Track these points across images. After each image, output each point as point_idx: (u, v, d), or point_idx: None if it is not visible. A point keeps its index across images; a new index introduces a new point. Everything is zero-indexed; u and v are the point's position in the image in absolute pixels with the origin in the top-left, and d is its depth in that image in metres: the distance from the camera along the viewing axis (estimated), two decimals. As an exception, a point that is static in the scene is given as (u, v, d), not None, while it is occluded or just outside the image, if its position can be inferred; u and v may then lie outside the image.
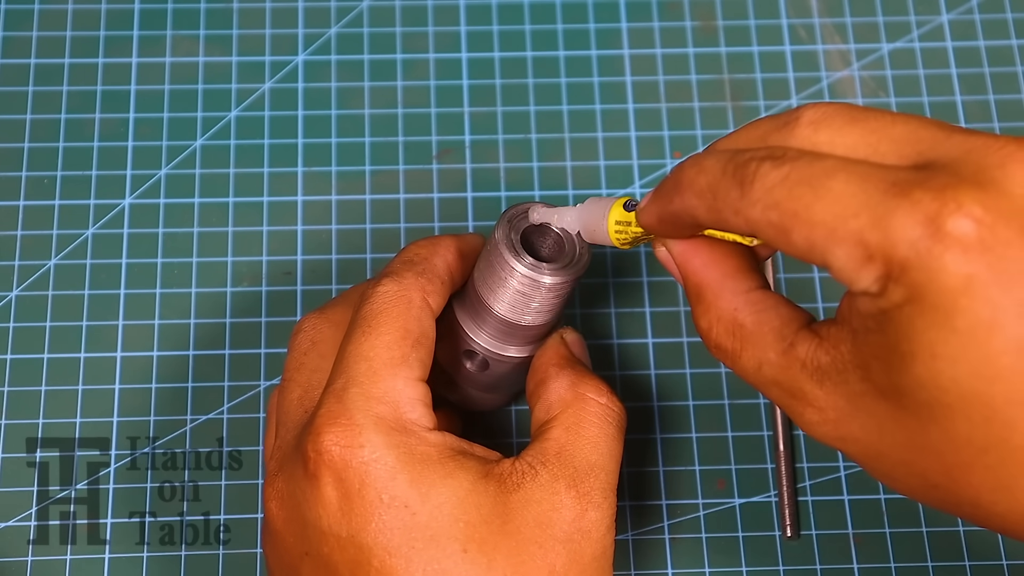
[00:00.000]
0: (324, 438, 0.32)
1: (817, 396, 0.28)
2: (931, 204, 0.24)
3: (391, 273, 0.35)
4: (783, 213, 0.26)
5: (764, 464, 0.43)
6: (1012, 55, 0.49)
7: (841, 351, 0.27)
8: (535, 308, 0.36)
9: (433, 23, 0.50)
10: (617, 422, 0.35)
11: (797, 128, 0.29)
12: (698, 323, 0.31)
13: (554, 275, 0.35)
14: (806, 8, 0.50)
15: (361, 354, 0.33)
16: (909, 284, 0.24)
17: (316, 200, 0.46)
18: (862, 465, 0.29)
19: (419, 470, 0.32)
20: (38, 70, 0.48)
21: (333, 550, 0.31)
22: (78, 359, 0.44)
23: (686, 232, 0.31)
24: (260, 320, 0.44)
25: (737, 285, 0.31)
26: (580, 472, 0.33)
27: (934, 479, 0.27)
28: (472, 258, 0.37)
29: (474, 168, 0.47)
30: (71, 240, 0.45)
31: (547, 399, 0.35)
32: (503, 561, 0.31)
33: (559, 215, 0.35)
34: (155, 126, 0.47)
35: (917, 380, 0.25)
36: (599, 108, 0.48)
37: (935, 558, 0.42)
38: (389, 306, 0.34)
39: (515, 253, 0.35)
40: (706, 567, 0.42)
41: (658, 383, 0.44)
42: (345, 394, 0.32)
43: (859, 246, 0.25)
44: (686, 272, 0.32)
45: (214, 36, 0.49)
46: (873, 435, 0.27)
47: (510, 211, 0.36)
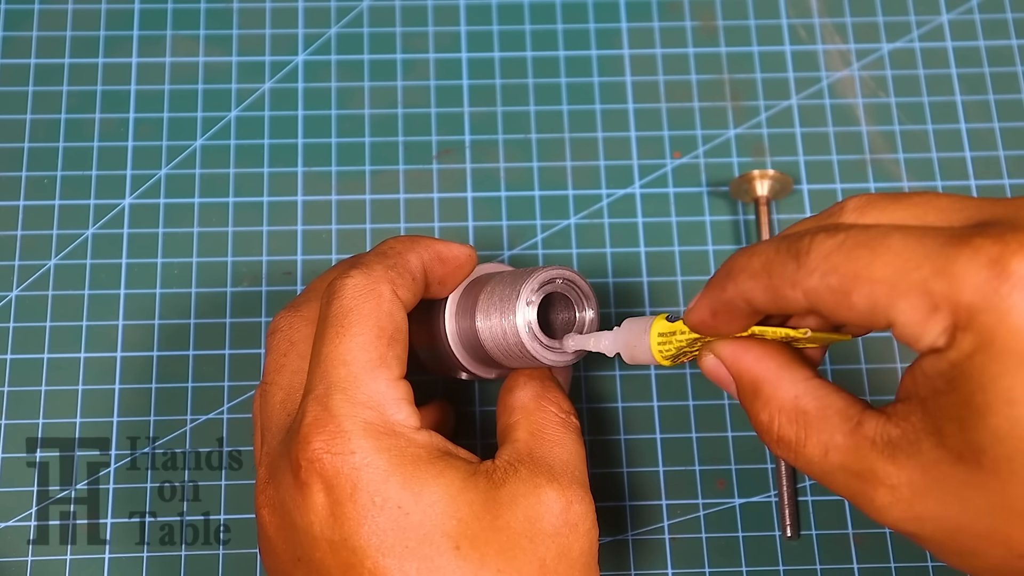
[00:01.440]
0: (313, 446, 0.32)
1: (889, 473, 0.27)
2: (993, 247, 0.24)
3: (361, 264, 0.35)
4: (843, 276, 0.26)
5: (764, 464, 0.43)
6: (1012, 55, 0.49)
7: (911, 421, 0.26)
8: (521, 363, 0.37)
9: (433, 23, 0.50)
10: (577, 431, 0.36)
11: (843, 214, 0.29)
12: (758, 419, 0.30)
13: (559, 356, 0.36)
14: (806, 8, 0.50)
15: (339, 358, 0.33)
16: (979, 330, 0.24)
17: (316, 200, 0.46)
18: (940, 549, 0.27)
19: (411, 471, 0.32)
20: (38, 70, 0.48)
21: (325, 554, 0.32)
22: (78, 359, 0.44)
23: (740, 323, 0.30)
24: (260, 320, 0.44)
25: (795, 375, 0.30)
26: (556, 468, 0.34)
27: (1021, 546, 0.25)
28: (456, 266, 0.37)
29: (474, 168, 0.47)
30: (71, 240, 0.45)
31: (511, 404, 0.36)
32: (495, 556, 0.31)
33: (595, 340, 0.36)
34: (155, 126, 0.47)
35: (995, 433, 0.24)
36: (599, 108, 0.48)
37: (935, 558, 0.41)
38: (359, 302, 0.33)
39: (527, 315, 0.35)
40: (706, 567, 0.42)
41: (658, 383, 0.44)
42: (329, 400, 0.32)
43: (924, 296, 0.24)
44: (739, 371, 0.31)
45: (214, 36, 0.49)
46: (952, 507, 0.26)
47: (544, 275, 0.36)
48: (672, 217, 0.46)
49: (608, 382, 0.44)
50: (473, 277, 0.38)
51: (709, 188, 0.47)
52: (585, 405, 0.44)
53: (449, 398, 0.44)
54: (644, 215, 0.46)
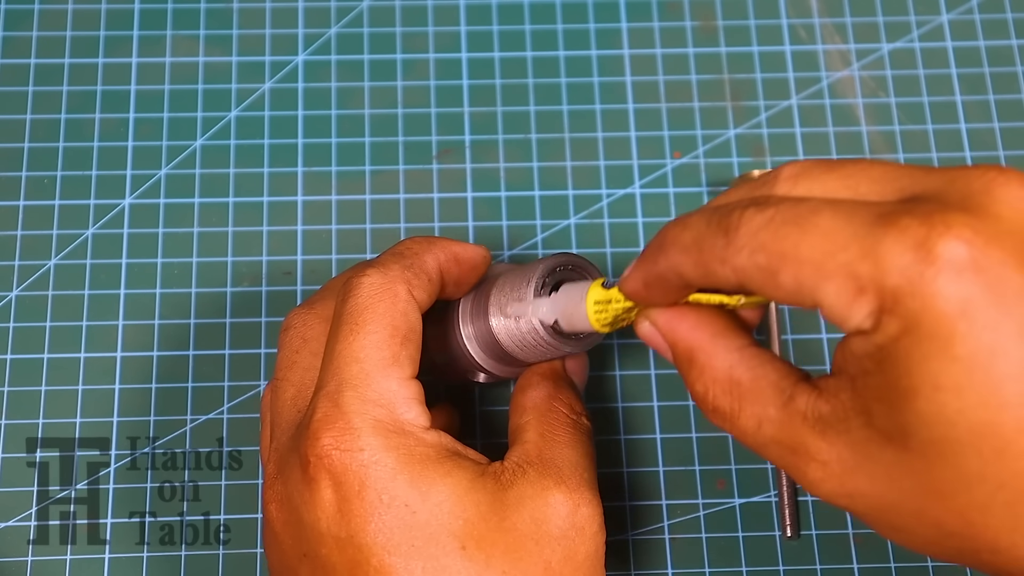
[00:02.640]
0: (323, 442, 0.32)
1: (820, 449, 0.27)
2: (919, 229, 0.24)
3: (378, 264, 0.35)
4: (770, 255, 0.25)
5: (764, 464, 0.43)
6: (1012, 55, 0.49)
7: (841, 399, 0.26)
8: (540, 355, 0.36)
9: (433, 23, 0.50)
10: (588, 433, 0.36)
11: (777, 183, 0.28)
12: (693, 388, 0.30)
13: (571, 346, 0.35)
14: (806, 8, 0.50)
15: (352, 355, 0.33)
16: (903, 314, 0.24)
17: (316, 200, 0.46)
18: (873, 524, 0.27)
19: (419, 470, 0.32)
20: (38, 70, 0.48)
21: (332, 551, 0.32)
22: (78, 359, 0.44)
23: (672, 295, 0.30)
24: (260, 320, 0.44)
25: (729, 343, 0.30)
26: (565, 471, 0.34)
27: (949, 526, 0.25)
28: (471, 267, 0.37)
29: (474, 168, 0.47)
30: (71, 240, 0.45)
31: (523, 404, 0.36)
32: (501, 557, 0.31)
33: (533, 307, 0.35)
34: (155, 126, 0.47)
35: (921, 417, 0.24)
36: (599, 108, 0.48)
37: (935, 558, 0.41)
38: (375, 300, 0.33)
39: (540, 306, 0.35)
40: (706, 567, 0.42)
41: (658, 383, 0.44)
42: (340, 397, 0.32)
43: (850, 279, 0.24)
44: (674, 339, 0.31)
45: (214, 36, 0.49)
46: (881, 486, 0.26)
47: (551, 261, 0.35)
48: (672, 217, 0.46)
49: (608, 382, 0.44)
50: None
51: (709, 188, 0.47)
52: (585, 405, 0.43)
53: (452, 401, 0.44)
54: (644, 215, 0.46)
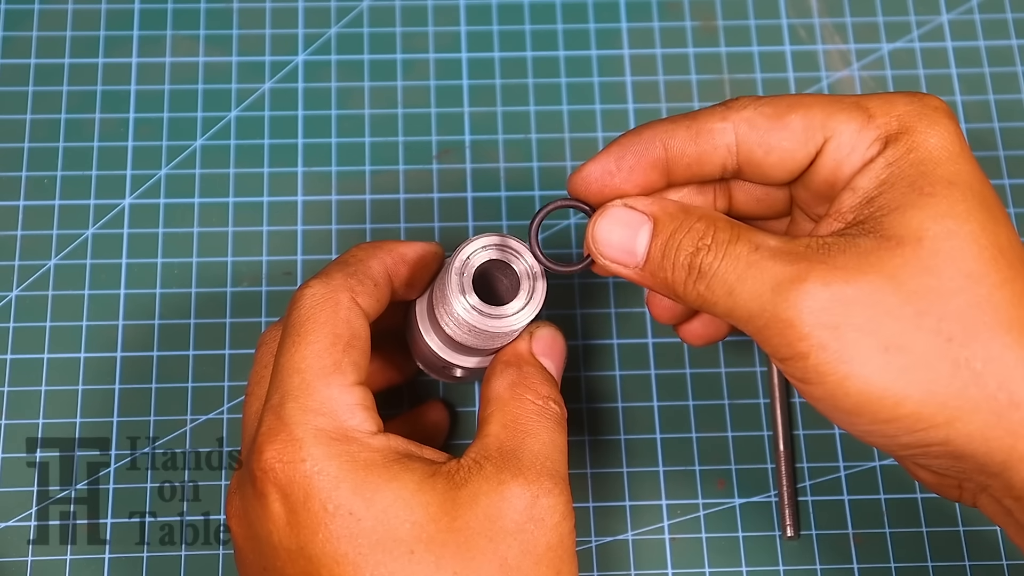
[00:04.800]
0: (266, 455, 0.31)
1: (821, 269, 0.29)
2: (912, 94, 0.30)
3: (321, 274, 0.35)
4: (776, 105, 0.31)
5: (764, 464, 0.43)
6: (1012, 55, 0.49)
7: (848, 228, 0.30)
8: (491, 338, 0.35)
9: (433, 23, 0.50)
10: (556, 419, 0.34)
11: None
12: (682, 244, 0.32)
13: (496, 320, 0.34)
14: (806, 8, 0.50)
15: (293, 366, 0.33)
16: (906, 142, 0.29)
17: (316, 200, 0.46)
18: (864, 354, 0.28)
19: (362, 476, 0.31)
20: (38, 70, 0.48)
21: (285, 564, 0.32)
22: (78, 359, 0.44)
23: (643, 176, 0.33)
24: (260, 320, 0.44)
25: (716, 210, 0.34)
26: (525, 462, 0.32)
27: (948, 331, 0.28)
28: (421, 266, 0.36)
29: (474, 168, 0.47)
30: (71, 240, 0.45)
31: (486, 395, 0.35)
32: (451, 558, 0.31)
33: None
34: (155, 126, 0.47)
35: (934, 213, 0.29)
36: (599, 108, 0.48)
37: (935, 558, 0.41)
38: (316, 311, 0.33)
39: (461, 291, 0.34)
40: (706, 567, 0.42)
41: (658, 383, 0.44)
42: (282, 409, 0.32)
43: (860, 110, 0.30)
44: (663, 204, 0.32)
45: (214, 36, 0.49)
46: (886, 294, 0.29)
47: (465, 249, 0.35)
48: (672, 217, 0.46)
49: (608, 382, 0.44)
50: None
51: (709, 188, 0.47)
52: (585, 405, 0.44)
53: (447, 398, 0.44)
54: (644, 215, 0.46)
